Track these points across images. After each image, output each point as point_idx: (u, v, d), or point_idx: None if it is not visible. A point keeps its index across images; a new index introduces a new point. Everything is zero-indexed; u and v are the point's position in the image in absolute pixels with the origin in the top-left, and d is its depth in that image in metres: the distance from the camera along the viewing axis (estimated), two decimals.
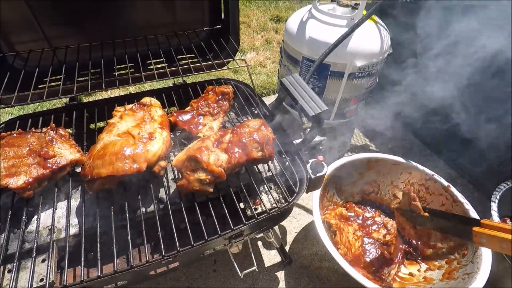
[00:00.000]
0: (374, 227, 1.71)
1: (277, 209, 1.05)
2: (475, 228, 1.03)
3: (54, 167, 1.04)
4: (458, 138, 2.01)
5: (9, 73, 1.24)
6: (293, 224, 1.81)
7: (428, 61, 2.02)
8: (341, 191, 1.80)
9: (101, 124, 1.39)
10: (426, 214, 1.22)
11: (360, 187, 1.84)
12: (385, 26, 1.96)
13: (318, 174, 1.25)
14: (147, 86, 2.37)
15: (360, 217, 1.76)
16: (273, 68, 2.94)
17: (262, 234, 1.29)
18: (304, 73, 1.95)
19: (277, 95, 2.63)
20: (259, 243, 1.70)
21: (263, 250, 1.67)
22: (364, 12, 1.82)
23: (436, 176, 1.64)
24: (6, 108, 2.32)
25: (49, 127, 1.18)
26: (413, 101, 2.25)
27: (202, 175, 1.01)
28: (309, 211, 1.89)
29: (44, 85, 1.26)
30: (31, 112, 1.41)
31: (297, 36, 1.90)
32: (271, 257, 1.64)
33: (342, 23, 1.81)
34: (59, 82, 1.30)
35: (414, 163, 1.70)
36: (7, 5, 1.27)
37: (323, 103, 1.22)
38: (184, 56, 1.48)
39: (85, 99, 1.51)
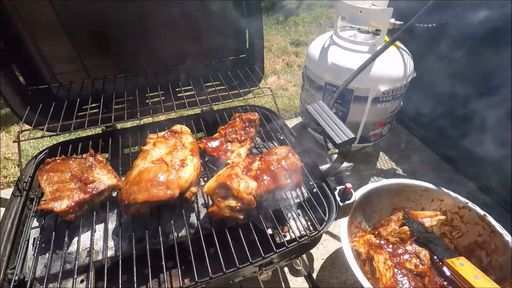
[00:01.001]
0: (406, 256, 1.64)
1: (307, 237, 1.04)
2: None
3: (93, 192, 1.10)
4: (491, 162, 1.93)
5: (54, 103, 1.34)
6: (320, 251, 1.77)
7: (453, 83, 2.00)
8: (369, 218, 1.76)
9: (134, 149, 1.46)
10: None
11: (389, 213, 1.78)
12: (408, 51, 1.98)
13: (347, 202, 1.24)
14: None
15: (390, 245, 1.70)
16: (294, 91, 2.98)
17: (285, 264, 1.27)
18: (327, 98, 1.97)
19: (298, 118, 2.66)
20: (285, 269, 1.67)
21: (289, 277, 1.64)
22: (386, 38, 1.85)
23: (470, 204, 1.57)
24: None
25: (88, 153, 1.26)
26: (440, 123, 2.22)
27: (232, 202, 1.03)
28: (336, 237, 1.85)
29: (83, 113, 1.35)
30: (72, 137, 1.50)
31: (319, 62, 1.95)
32: (298, 284, 1.60)
33: (364, 49, 1.84)
34: (97, 110, 1.40)
35: (445, 190, 1.64)
36: (53, 41, 1.40)
37: (350, 130, 1.23)
38: (211, 83, 1.55)
39: (119, 126, 1.59)
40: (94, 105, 1.39)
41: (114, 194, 1.22)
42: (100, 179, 1.14)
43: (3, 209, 1.34)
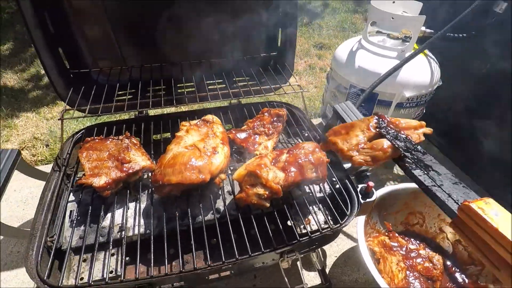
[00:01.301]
0: (419, 260, 1.66)
1: (329, 229, 1.09)
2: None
3: (129, 171, 1.17)
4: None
5: (95, 87, 1.42)
6: (333, 248, 1.80)
7: (476, 94, 2.00)
8: (384, 220, 1.78)
9: (164, 135, 1.53)
10: None
11: (404, 217, 1.80)
12: (435, 59, 1.99)
13: (368, 200, 1.28)
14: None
15: (404, 248, 1.72)
16: (315, 93, 3.02)
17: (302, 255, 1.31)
18: (351, 100, 2.00)
19: (318, 119, 2.69)
20: (298, 264, 1.72)
21: (305, 272, 1.68)
22: (415, 46, 1.87)
23: None
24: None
25: (124, 135, 1.33)
26: (461, 133, 2.22)
27: (260, 190, 1.08)
28: (349, 237, 1.88)
29: (122, 97, 1.43)
30: (107, 120, 1.58)
31: (346, 64, 1.98)
32: (310, 278, 1.64)
33: (392, 54, 1.86)
34: (132, 96, 1.48)
35: None
36: (97, 29, 1.48)
37: None
38: (241, 78, 1.61)
39: (151, 113, 1.66)
40: (131, 91, 1.45)
41: (145, 176, 1.29)
42: (135, 160, 1.21)
43: (38, 181, 1.44)
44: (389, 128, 1.00)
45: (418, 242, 1.78)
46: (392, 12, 1.78)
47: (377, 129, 0.97)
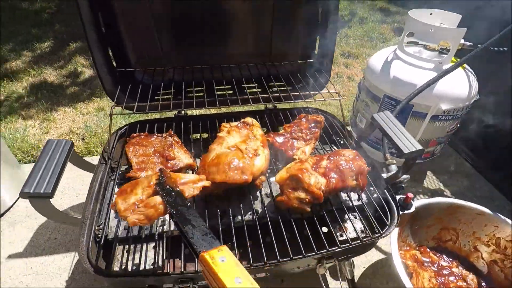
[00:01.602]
0: (452, 278, 1.62)
1: (369, 238, 1.08)
2: None
3: (174, 168, 1.21)
4: None
5: (141, 85, 1.48)
6: (361, 259, 1.78)
7: None
8: (415, 233, 1.75)
9: (203, 135, 1.57)
10: None
11: (437, 232, 1.76)
12: (473, 72, 1.95)
13: (406, 211, 1.27)
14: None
15: (436, 265, 1.69)
16: (342, 102, 3.01)
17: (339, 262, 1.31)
18: (383, 110, 1.99)
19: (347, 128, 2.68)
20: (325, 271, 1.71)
21: (330, 279, 1.67)
22: (453, 59, 1.85)
23: None
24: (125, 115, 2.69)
25: (167, 133, 1.38)
26: (497, 150, 2.15)
27: (302, 195, 1.10)
28: (377, 248, 1.86)
29: (166, 96, 1.48)
30: (147, 118, 1.64)
31: (380, 74, 1.98)
32: (336, 287, 1.63)
33: (429, 66, 1.84)
34: (170, 96, 1.53)
35: (502, 217, 1.60)
36: (143, 30, 1.54)
37: (418, 142, 1.25)
38: (277, 83, 1.64)
39: (189, 112, 1.71)
40: (173, 91, 1.50)
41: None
42: (179, 157, 1.25)
43: (76, 172, 1.49)
44: (165, 185, 0.94)
45: (450, 259, 1.74)
46: (430, 23, 1.77)
47: (155, 187, 0.94)
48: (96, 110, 2.90)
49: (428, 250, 1.75)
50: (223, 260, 0.64)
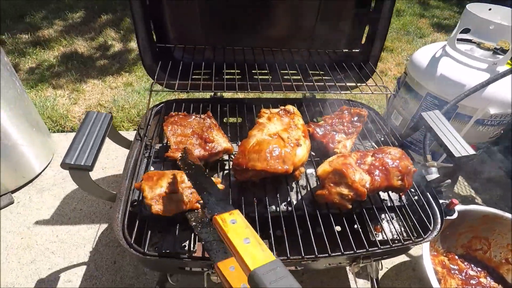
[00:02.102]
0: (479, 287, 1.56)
1: (411, 241, 1.04)
2: None
3: (212, 151, 1.18)
4: None
5: (181, 65, 1.44)
6: (384, 260, 1.74)
7: None
8: (445, 239, 1.69)
9: (239, 119, 1.53)
10: None
11: (467, 240, 1.70)
12: None
13: (449, 218, 1.21)
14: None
15: (463, 273, 1.63)
16: (374, 96, 2.90)
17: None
18: (424, 108, 1.90)
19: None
20: (347, 268, 1.68)
21: (350, 276, 1.64)
22: (509, 62, 1.72)
23: None
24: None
25: (206, 114, 1.35)
26: None
27: (345, 190, 1.05)
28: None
29: (205, 76, 1.44)
30: (184, 97, 1.61)
31: (425, 71, 1.87)
32: (359, 285, 1.60)
33: (482, 66, 1.73)
34: (208, 77, 1.49)
35: None
36: (185, 7, 1.49)
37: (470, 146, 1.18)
38: (323, 72, 1.56)
39: (225, 95, 1.66)
40: (214, 71, 1.46)
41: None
42: (218, 140, 1.22)
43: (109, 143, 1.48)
44: (187, 160, 1.00)
45: (479, 269, 1.67)
46: (489, 19, 1.64)
47: (178, 161, 1.01)
48: (124, 85, 2.90)
49: (456, 257, 1.69)
50: (233, 222, 0.70)
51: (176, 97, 1.61)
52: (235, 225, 0.69)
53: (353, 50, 1.64)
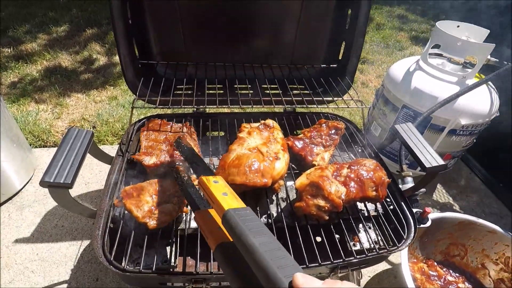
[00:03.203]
0: None
1: (386, 250, 1.08)
2: None
3: (177, 158, 1.21)
4: None
5: (164, 79, 1.47)
6: (367, 268, 1.77)
7: None
8: (424, 246, 1.74)
9: (221, 133, 1.56)
10: None
11: (445, 246, 1.75)
12: (495, 88, 1.93)
13: (422, 226, 1.26)
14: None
15: (442, 279, 1.68)
16: (356, 108, 2.99)
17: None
18: (401, 120, 1.98)
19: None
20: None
21: None
22: (477, 75, 1.83)
23: None
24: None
25: (184, 124, 1.38)
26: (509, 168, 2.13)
27: (321, 202, 1.09)
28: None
29: (185, 92, 1.48)
30: (167, 112, 1.64)
31: (400, 84, 1.96)
32: None
33: (452, 79, 1.82)
34: (191, 92, 1.52)
35: None
36: (168, 24, 1.53)
37: (439, 156, 1.24)
38: (302, 86, 1.62)
39: (207, 110, 1.70)
40: (195, 87, 1.50)
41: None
42: None
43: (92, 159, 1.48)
44: (182, 143, 1.16)
45: (457, 274, 1.73)
46: (457, 36, 1.74)
47: (174, 144, 1.18)
48: (109, 98, 2.90)
49: (435, 264, 1.75)
50: (215, 182, 0.81)
51: (161, 112, 1.62)
52: (216, 184, 0.80)
53: (331, 66, 1.70)
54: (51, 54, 3.38)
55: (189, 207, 1.15)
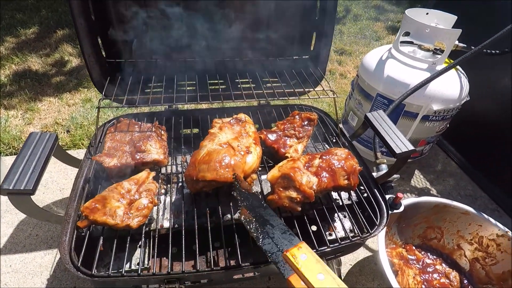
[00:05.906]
0: (435, 275, 1.65)
1: (359, 237, 1.09)
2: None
3: (139, 160, 1.19)
4: None
5: (131, 77, 1.43)
6: (348, 256, 1.79)
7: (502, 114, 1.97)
8: (402, 231, 1.77)
9: (194, 131, 1.54)
10: None
11: (422, 230, 1.79)
12: (465, 73, 1.97)
13: (395, 211, 1.28)
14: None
15: (420, 262, 1.72)
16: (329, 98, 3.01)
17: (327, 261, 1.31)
18: (376, 108, 2.00)
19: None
20: None
21: None
22: (447, 60, 1.86)
23: (511, 233, 1.56)
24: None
25: (153, 124, 1.34)
26: (482, 150, 2.19)
27: (293, 194, 1.09)
28: (364, 245, 1.87)
29: (154, 90, 1.44)
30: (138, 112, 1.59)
31: (374, 73, 1.98)
32: None
33: (423, 66, 1.85)
34: (161, 90, 1.49)
35: (486, 216, 1.63)
36: (132, 19, 1.48)
37: (409, 142, 1.26)
38: (270, 79, 1.61)
39: (180, 107, 1.67)
40: (165, 84, 1.46)
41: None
42: (150, 151, 1.22)
43: (59, 166, 1.45)
44: (241, 189, 1.05)
45: (434, 257, 1.77)
46: (425, 23, 1.77)
47: (232, 191, 1.06)
48: (82, 101, 2.81)
49: (414, 248, 1.78)
50: (304, 257, 0.71)
51: (136, 112, 1.57)
52: (306, 261, 0.70)
53: (303, 57, 1.69)
54: (19, 57, 3.24)
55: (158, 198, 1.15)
